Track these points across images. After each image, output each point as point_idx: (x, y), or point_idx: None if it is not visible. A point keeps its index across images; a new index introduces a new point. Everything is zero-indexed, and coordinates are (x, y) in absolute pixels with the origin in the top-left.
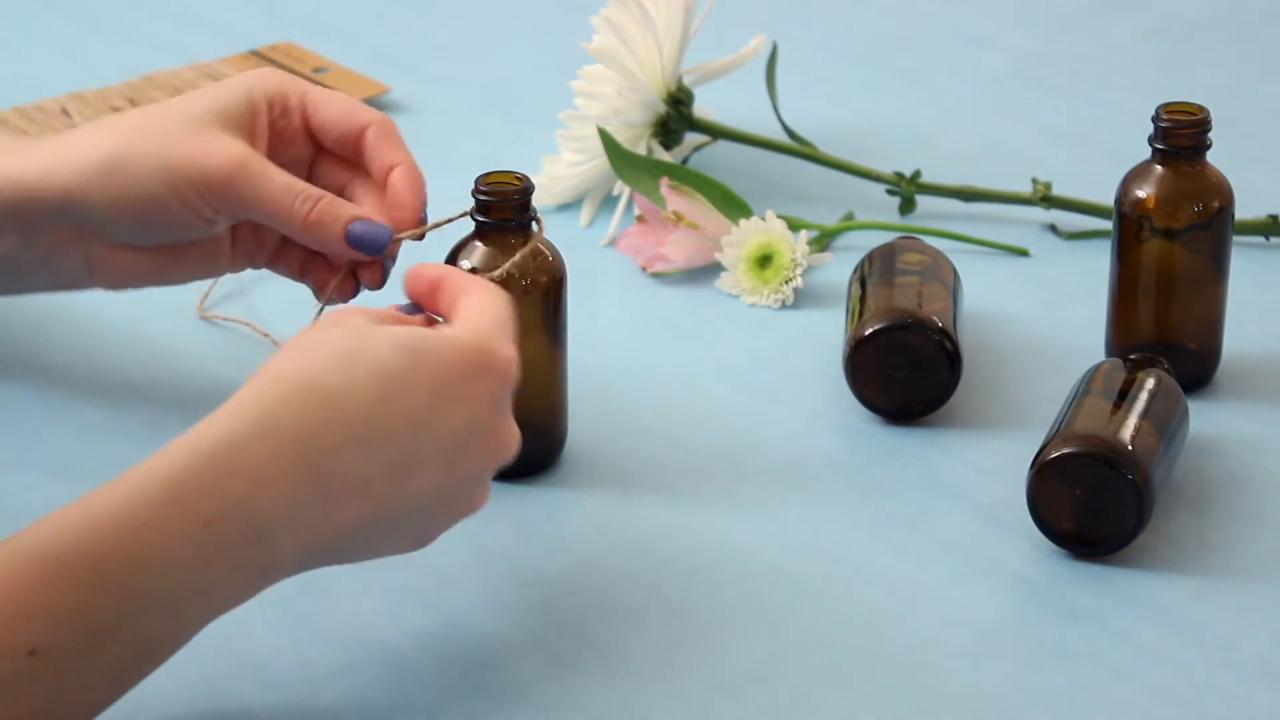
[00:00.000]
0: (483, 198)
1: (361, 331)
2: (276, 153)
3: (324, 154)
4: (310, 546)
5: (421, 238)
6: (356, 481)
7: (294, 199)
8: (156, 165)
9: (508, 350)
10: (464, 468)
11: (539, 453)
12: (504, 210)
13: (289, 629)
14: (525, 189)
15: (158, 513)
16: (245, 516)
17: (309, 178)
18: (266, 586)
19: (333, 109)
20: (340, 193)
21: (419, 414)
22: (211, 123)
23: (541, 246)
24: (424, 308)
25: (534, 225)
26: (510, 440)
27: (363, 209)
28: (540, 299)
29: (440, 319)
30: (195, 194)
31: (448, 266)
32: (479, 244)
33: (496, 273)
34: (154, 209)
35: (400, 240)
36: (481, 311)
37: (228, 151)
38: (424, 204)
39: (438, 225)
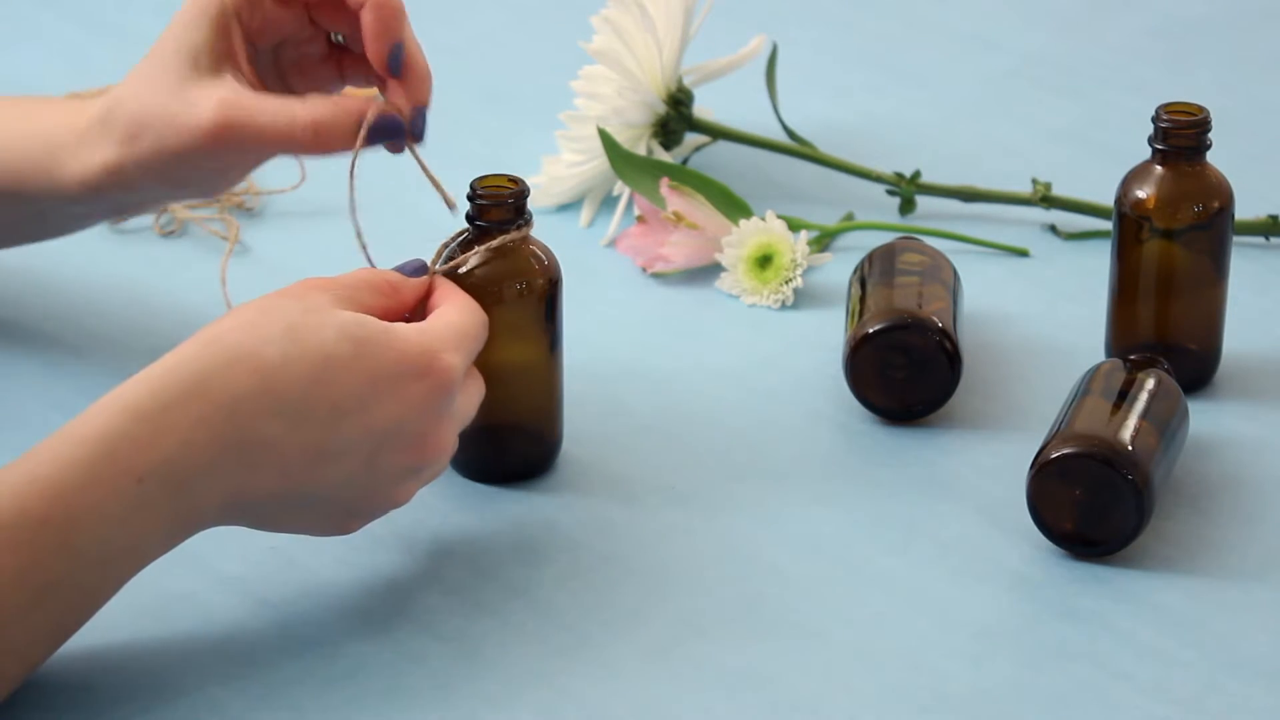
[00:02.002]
0: (477, 201)
1: (314, 309)
2: (268, 41)
3: (313, 7)
4: (229, 505)
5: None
6: (275, 454)
7: (290, 137)
8: (153, 162)
9: (452, 360)
10: (384, 464)
11: (534, 457)
12: (498, 213)
13: (287, 631)
14: (520, 192)
15: (94, 472)
16: (172, 474)
17: (308, 40)
18: (188, 537)
19: None
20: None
21: (347, 401)
22: (186, 76)
23: (536, 249)
24: (410, 309)
25: (521, 227)
26: (441, 448)
27: (358, 98)
28: (535, 302)
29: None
30: (199, 166)
31: (441, 277)
32: (474, 246)
33: (449, 265)
34: (175, 189)
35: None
36: (446, 322)
37: (205, 112)
38: (395, 39)
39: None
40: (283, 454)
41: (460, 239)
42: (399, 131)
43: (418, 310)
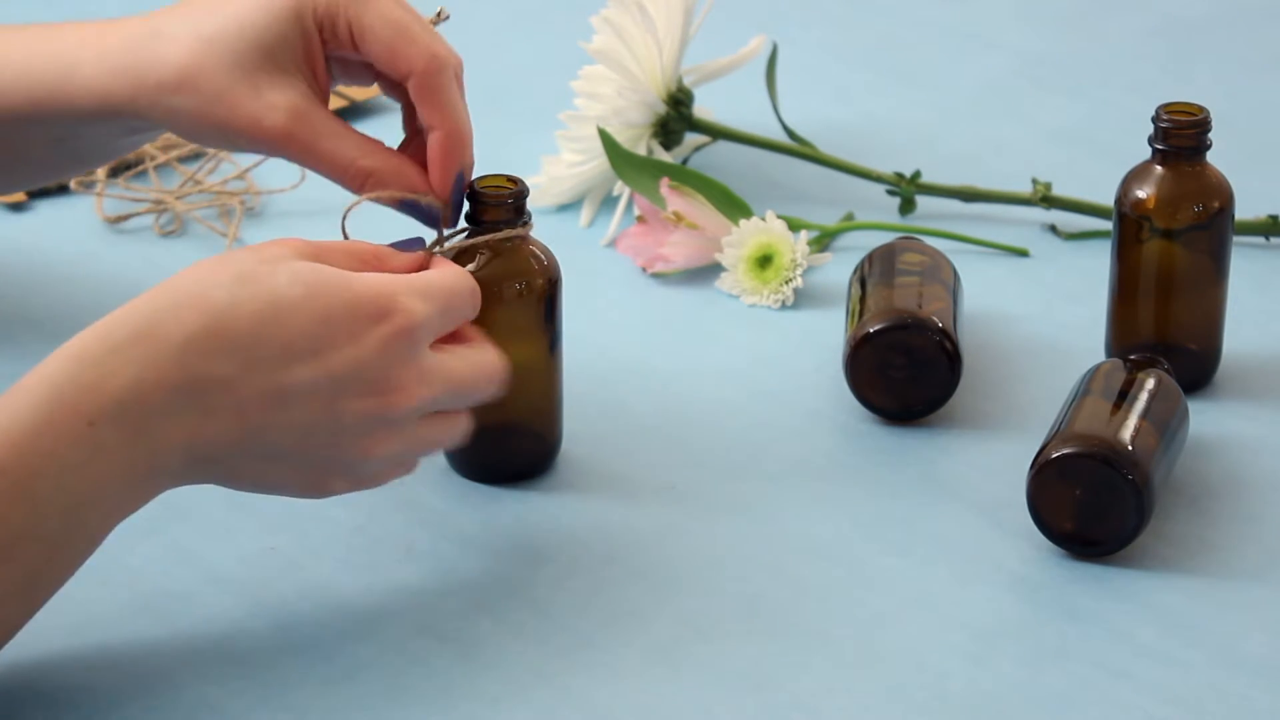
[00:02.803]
0: (477, 200)
1: (269, 257)
2: (335, 71)
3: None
4: (192, 453)
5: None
6: (229, 396)
7: (343, 173)
8: (210, 125)
9: (413, 304)
10: (345, 410)
11: (535, 457)
12: (499, 213)
13: (286, 632)
14: (519, 192)
15: (44, 416)
16: (124, 416)
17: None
18: (161, 489)
19: (378, 46)
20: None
21: (300, 341)
22: (261, 66)
23: (536, 249)
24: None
25: (521, 225)
26: (405, 394)
27: (407, 180)
28: (535, 302)
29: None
30: (237, 147)
31: (443, 259)
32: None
33: (446, 246)
34: (192, 139)
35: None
36: (418, 274)
37: (277, 117)
38: (460, 168)
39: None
40: (237, 395)
41: (458, 236)
42: (433, 221)
43: None
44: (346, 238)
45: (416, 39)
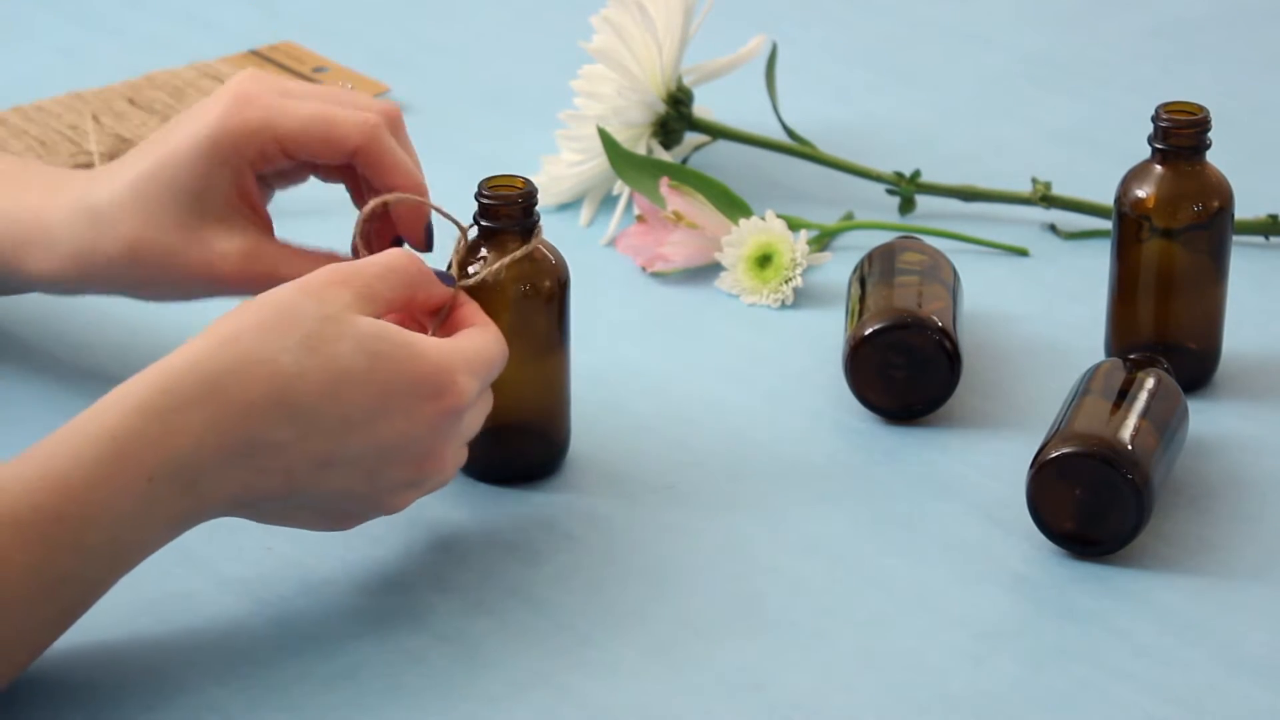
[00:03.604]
0: (486, 202)
1: (332, 316)
2: (275, 184)
3: None
4: (233, 502)
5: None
6: (282, 460)
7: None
8: (167, 285)
9: (468, 383)
10: (384, 476)
11: (542, 457)
12: (507, 215)
13: (286, 631)
14: (528, 193)
15: (106, 470)
16: (181, 473)
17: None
18: (195, 526)
19: (311, 146)
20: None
21: (357, 414)
22: (202, 219)
23: (545, 251)
24: (431, 324)
25: (533, 233)
26: (442, 464)
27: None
28: (543, 304)
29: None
30: (212, 292)
31: (468, 298)
32: (482, 249)
33: (473, 279)
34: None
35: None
36: (469, 344)
37: (230, 263)
38: (426, 219)
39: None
40: (290, 460)
41: (468, 238)
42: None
43: (440, 314)
44: (356, 254)
45: (341, 120)
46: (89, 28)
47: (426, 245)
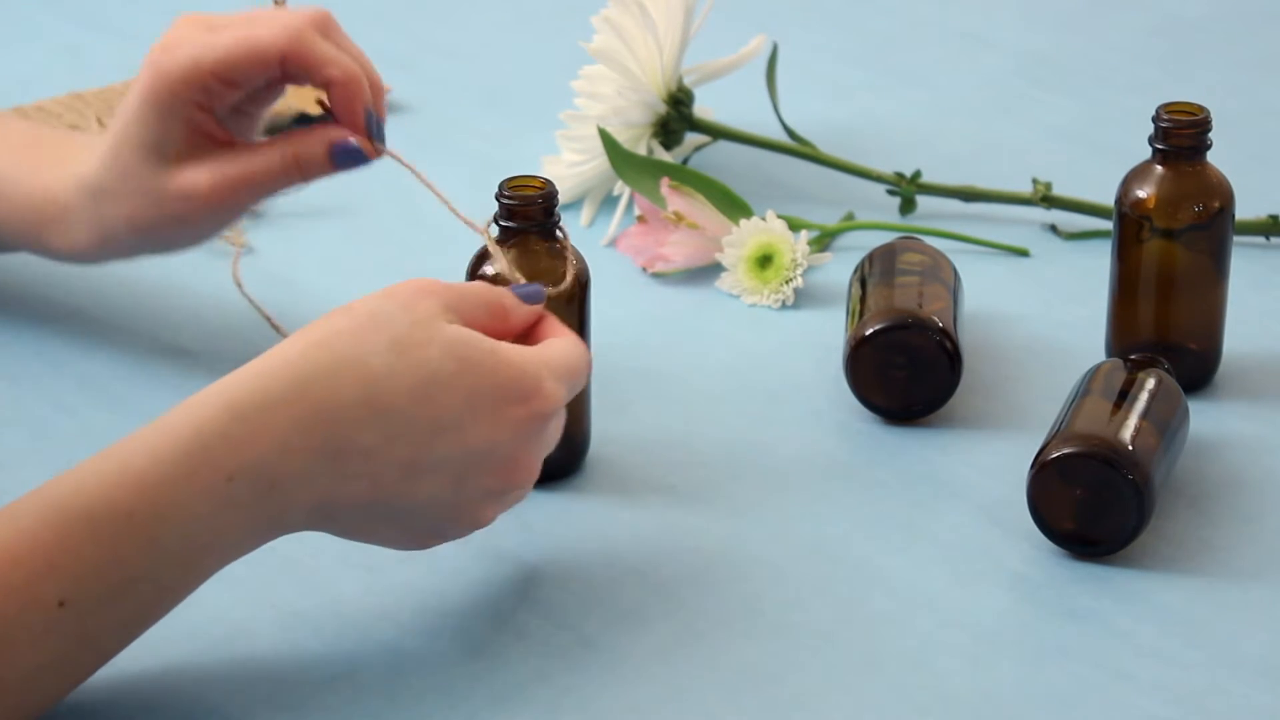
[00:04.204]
0: (507, 202)
1: (421, 321)
2: (239, 108)
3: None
4: (317, 511)
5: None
6: (369, 465)
7: (282, 171)
8: (153, 240)
9: (555, 389)
10: (472, 484)
11: (563, 458)
12: (529, 215)
13: (289, 629)
14: (549, 194)
15: (184, 468)
16: (263, 475)
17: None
18: (274, 538)
19: (241, 68)
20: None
21: (446, 418)
22: (158, 166)
23: (566, 251)
24: (519, 330)
25: (559, 232)
26: (529, 473)
27: (330, 132)
28: (564, 304)
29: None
30: (200, 230)
31: (548, 312)
32: (502, 249)
33: (564, 285)
34: (173, 248)
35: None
36: (556, 351)
37: (201, 177)
38: (367, 101)
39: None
40: (377, 465)
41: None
42: (357, 153)
43: (522, 338)
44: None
45: (262, 35)
46: (89, 28)
47: (368, 132)
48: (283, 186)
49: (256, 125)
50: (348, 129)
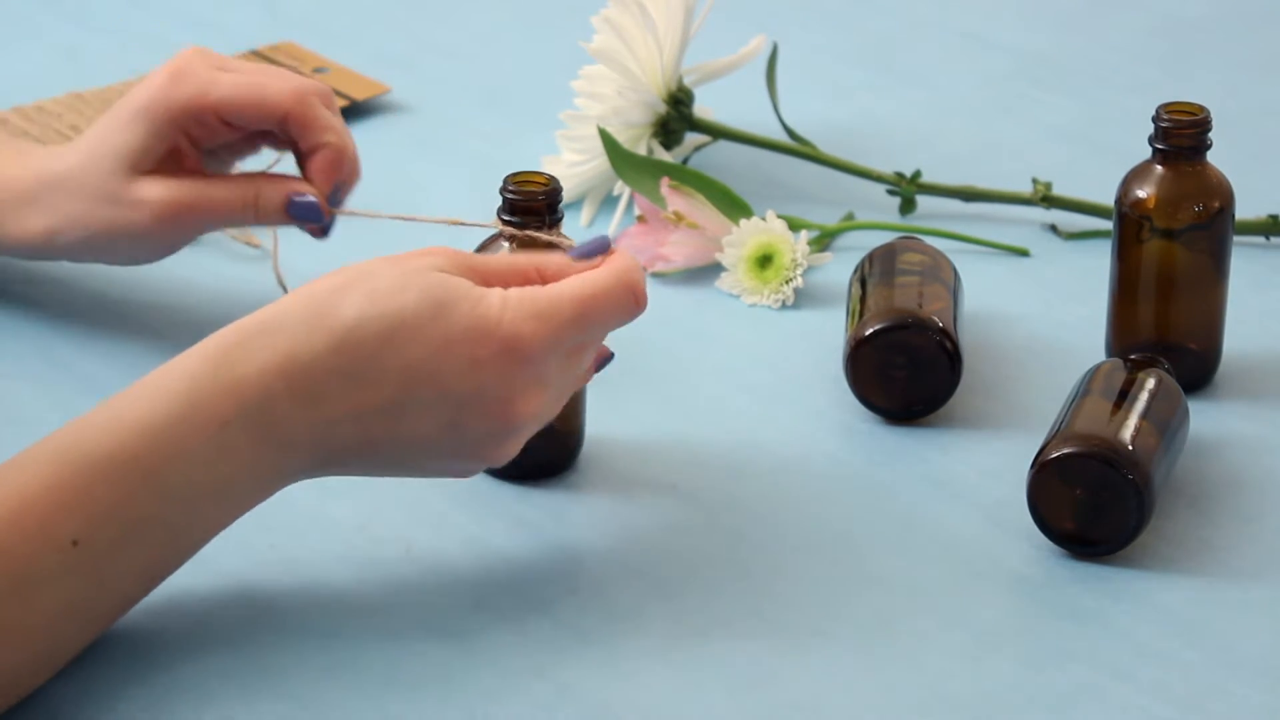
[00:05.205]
0: (511, 197)
1: (409, 272)
2: (216, 150)
3: None
4: (318, 456)
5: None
6: (351, 411)
7: (237, 202)
8: (96, 247)
9: (535, 331)
10: (468, 429)
11: (557, 454)
12: (532, 210)
13: (286, 627)
14: (553, 189)
15: (179, 413)
16: (253, 422)
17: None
18: (286, 485)
19: (245, 111)
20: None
21: (418, 364)
22: (126, 174)
23: (565, 247)
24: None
25: (554, 223)
26: (529, 413)
27: (291, 184)
28: None
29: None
30: (144, 249)
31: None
32: (505, 245)
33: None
34: (117, 261)
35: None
36: (548, 291)
37: (145, 206)
38: (337, 185)
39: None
40: (357, 412)
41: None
42: (315, 210)
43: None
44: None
45: (271, 87)
46: (89, 28)
47: (330, 200)
48: (234, 222)
49: (225, 169)
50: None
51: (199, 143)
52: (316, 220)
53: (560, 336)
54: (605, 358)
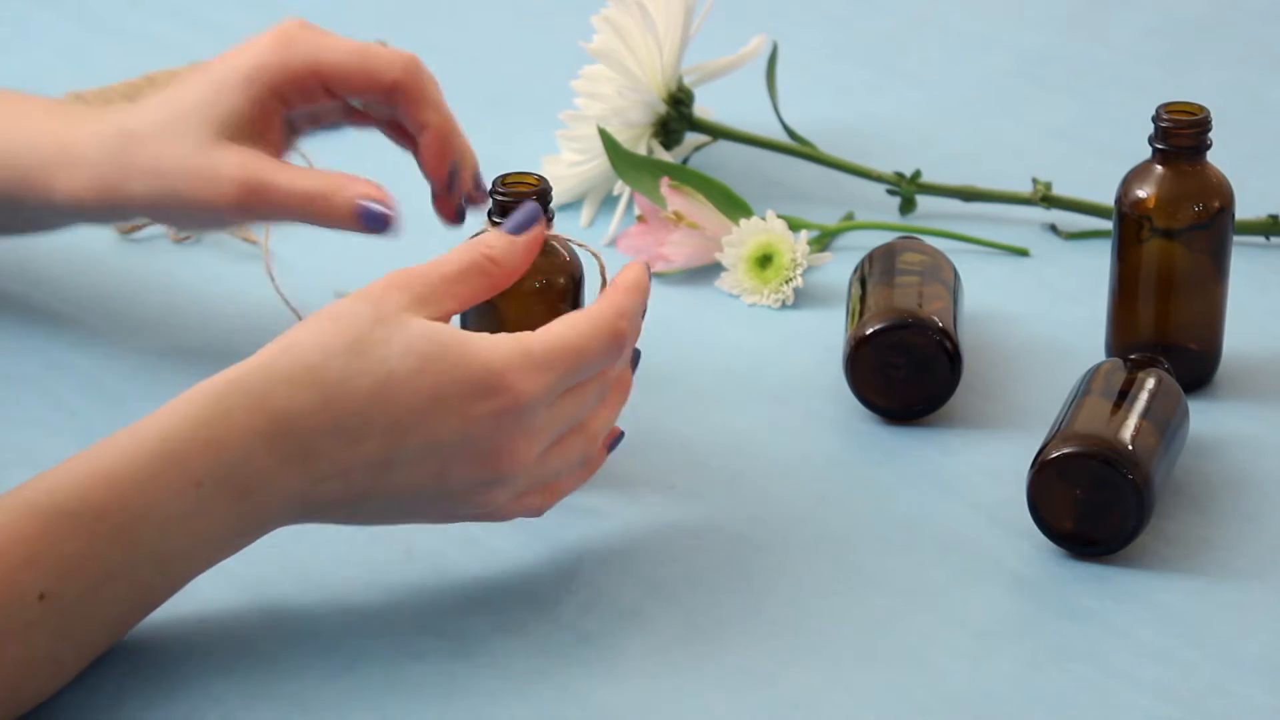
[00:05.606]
0: (501, 198)
1: (385, 318)
2: (305, 127)
3: None
4: (300, 510)
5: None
6: (337, 467)
7: (304, 196)
8: (162, 210)
9: (524, 381)
10: (455, 476)
11: None
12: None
13: (287, 626)
14: (543, 190)
15: (152, 472)
16: (231, 481)
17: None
18: (261, 536)
19: (352, 77)
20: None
21: (408, 416)
22: (213, 140)
23: (559, 246)
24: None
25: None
26: (517, 462)
27: (367, 188)
28: (556, 299)
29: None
30: (207, 222)
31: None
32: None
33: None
34: (170, 225)
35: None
36: (540, 337)
37: (225, 186)
38: (453, 165)
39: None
40: (344, 467)
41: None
42: (381, 219)
43: (531, 324)
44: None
45: (382, 54)
46: (89, 28)
47: (448, 187)
48: (297, 217)
49: (294, 142)
50: (428, 175)
51: (293, 110)
52: (383, 230)
53: (551, 386)
54: (615, 437)
